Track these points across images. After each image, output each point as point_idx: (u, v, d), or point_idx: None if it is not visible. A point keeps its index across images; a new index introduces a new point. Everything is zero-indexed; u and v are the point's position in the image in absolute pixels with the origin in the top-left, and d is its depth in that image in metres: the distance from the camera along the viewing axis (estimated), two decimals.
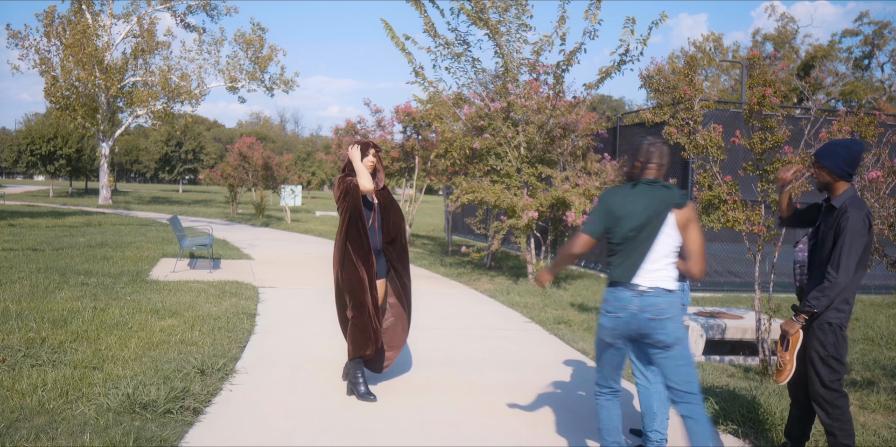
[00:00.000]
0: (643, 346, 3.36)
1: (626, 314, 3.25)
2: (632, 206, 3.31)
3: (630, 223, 3.29)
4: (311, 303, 8.31)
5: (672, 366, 3.27)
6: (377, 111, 16.47)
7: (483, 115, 10.86)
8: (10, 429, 3.78)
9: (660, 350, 3.26)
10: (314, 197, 59.45)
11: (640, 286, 3.25)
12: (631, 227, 3.29)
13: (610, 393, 3.47)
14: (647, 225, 3.27)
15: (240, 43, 33.48)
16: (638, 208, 3.30)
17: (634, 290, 3.25)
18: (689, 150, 5.75)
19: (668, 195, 3.32)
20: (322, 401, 4.61)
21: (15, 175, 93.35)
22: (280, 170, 25.19)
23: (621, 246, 3.32)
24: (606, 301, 3.33)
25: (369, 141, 4.91)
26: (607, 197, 3.41)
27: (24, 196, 39.67)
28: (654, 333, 3.23)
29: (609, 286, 3.36)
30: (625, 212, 3.31)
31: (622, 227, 3.30)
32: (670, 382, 3.30)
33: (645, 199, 3.31)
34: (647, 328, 3.23)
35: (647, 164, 3.36)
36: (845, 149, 3.50)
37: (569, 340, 6.73)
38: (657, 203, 3.30)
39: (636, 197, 3.33)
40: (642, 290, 3.25)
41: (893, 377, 5.66)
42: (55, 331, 5.98)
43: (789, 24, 44.34)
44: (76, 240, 14.23)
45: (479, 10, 10.27)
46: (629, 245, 3.29)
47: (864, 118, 5.28)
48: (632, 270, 3.27)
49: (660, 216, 3.29)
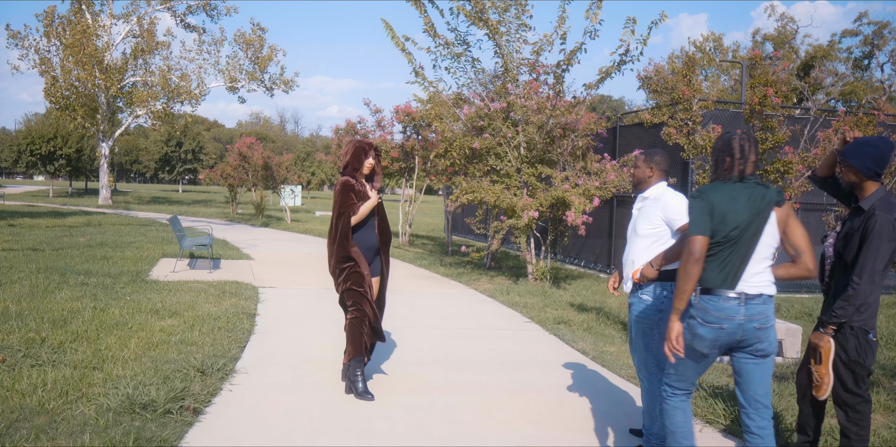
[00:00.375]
0: (736, 354, 3.17)
1: (733, 325, 3.03)
2: (735, 203, 3.08)
3: (734, 221, 3.06)
4: (311, 303, 8.31)
5: (761, 375, 3.15)
6: (377, 111, 16.50)
7: (483, 115, 10.86)
8: (10, 429, 3.78)
9: (757, 358, 3.11)
10: (314, 197, 59.45)
11: (745, 293, 3.04)
12: (735, 226, 3.06)
13: (685, 394, 3.29)
14: (751, 224, 3.07)
15: (240, 43, 33.51)
16: (741, 206, 3.08)
17: (740, 298, 3.04)
18: (689, 151, 5.75)
19: (768, 192, 3.13)
20: (322, 401, 4.61)
21: (15, 175, 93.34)
22: (280, 170, 25.20)
23: (722, 247, 3.07)
24: (706, 311, 3.08)
25: (369, 142, 4.88)
26: (708, 193, 3.13)
27: (23, 196, 39.67)
28: (758, 342, 3.07)
29: (705, 294, 3.10)
30: (728, 208, 3.07)
31: (726, 226, 3.06)
32: (752, 392, 3.15)
33: (746, 196, 3.10)
34: (754, 337, 3.06)
35: (742, 159, 3.14)
36: (873, 147, 3.37)
37: (569, 340, 6.73)
38: (759, 200, 3.10)
39: (737, 194, 3.10)
40: (748, 298, 3.04)
41: (893, 377, 5.67)
42: (55, 331, 5.98)
43: (789, 24, 44.34)
44: (76, 240, 14.23)
45: (478, 10, 10.26)
46: (730, 247, 3.06)
47: (863, 118, 5.29)
48: (735, 276, 3.06)
49: (763, 214, 3.10)
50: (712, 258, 3.08)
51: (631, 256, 3.85)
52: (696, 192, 3.16)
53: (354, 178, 4.86)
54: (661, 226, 3.77)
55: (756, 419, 3.15)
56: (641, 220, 3.83)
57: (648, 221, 3.79)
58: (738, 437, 4.26)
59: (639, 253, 3.80)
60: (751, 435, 3.17)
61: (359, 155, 4.85)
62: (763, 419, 3.14)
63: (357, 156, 4.85)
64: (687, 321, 3.15)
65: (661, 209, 3.76)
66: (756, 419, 3.15)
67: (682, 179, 10.30)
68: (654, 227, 3.78)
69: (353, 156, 4.85)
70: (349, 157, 4.86)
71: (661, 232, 3.77)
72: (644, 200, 3.91)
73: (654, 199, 3.83)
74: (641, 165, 3.93)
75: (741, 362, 3.15)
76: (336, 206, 4.77)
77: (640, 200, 3.96)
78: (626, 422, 4.43)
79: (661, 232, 3.77)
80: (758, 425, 3.15)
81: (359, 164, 4.87)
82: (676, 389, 3.29)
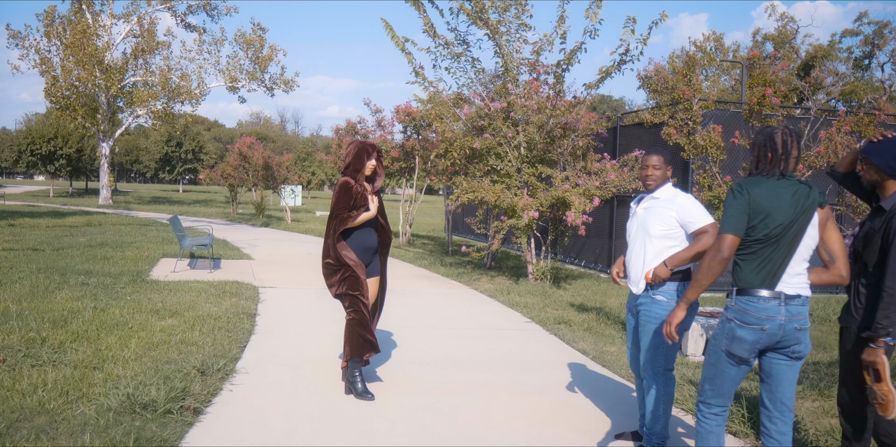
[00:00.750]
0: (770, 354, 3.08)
1: (774, 326, 2.93)
2: (779, 200, 2.96)
3: (778, 219, 2.93)
4: (311, 303, 8.31)
5: (791, 377, 3.08)
6: (377, 111, 16.50)
7: (483, 115, 10.85)
8: (11, 429, 3.78)
9: (791, 360, 3.04)
10: (314, 197, 59.44)
11: (784, 294, 2.95)
12: (779, 223, 2.93)
13: (722, 411, 3.13)
14: (794, 223, 2.96)
15: (240, 43, 33.51)
16: (784, 203, 2.95)
17: (780, 298, 2.94)
18: (689, 151, 5.75)
19: (812, 192, 3.01)
20: (322, 401, 4.61)
21: (15, 175, 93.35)
22: (280, 170, 25.20)
23: (763, 245, 2.95)
24: (745, 312, 2.96)
25: (372, 143, 4.85)
26: (750, 188, 2.98)
27: (24, 196, 39.68)
28: (796, 344, 2.99)
29: (742, 294, 2.99)
30: (772, 205, 2.94)
31: (769, 223, 2.93)
32: (780, 394, 3.09)
33: (790, 193, 2.98)
34: (793, 339, 2.97)
35: (784, 155, 3.01)
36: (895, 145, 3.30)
37: (569, 340, 6.73)
38: (803, 199, 2.98)
39: (781, 191, 2.98)
40: (788, 298, 2.95)
41: (893, 377, 5.66)
42: (55, 331, 5.98)
43: (789, 24, 44.32)
44: (76, 240, 14.23)
45: (478, 9, 10.26)
46: (772, 245, 2.95)
47: (863, 118, 5.28)
48: (775, 276, 2.96)
49: (807, 214, 2.98)
50: (751, 257, 2.98)
51: (644, 257, 3.80)
52: (736, 186, 3.02)
53: (355, 179, 4.83)
54: (675, 227, 3.75)
55: (778, 423, 3.09)
56: (654, 221, 3.79)
57: (662, 222, 3.76)
58: (739, 438, 4.25)
59: (653, 254, 3.77)
60: (769, 439, 3.11)
61: (361, 156, 4.82)
62: (785, 424, 3.09)
63: (359, 157, 4.82)
64: (723, 325, 3.04)
65: (676, 211, 3.74)
66: (778, 423, 3.09)
67: (682, 179, 10.29)
68: (668, 229, 3.76)
69: (355, 157, 4.82)
70: (351, 157, 4.83)
71: (675, 233, 3.76)
72: (654, 200, 3.86)
73: (668, 200, 3.80)
74: (662, 167, 3.86)
75: (773, 363, 3.07)
76: (332, 206, 4.78)
77: (647, 200, 3.91)
78: (626, 422, 4.43)
79: (676, 233, 3.76)
80: (779, 430, 3.09)
81: (361, 165, 4.83)
82: (713, 406, 3.13)
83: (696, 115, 5.77)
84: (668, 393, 3.76)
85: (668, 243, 3.75)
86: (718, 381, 3.08)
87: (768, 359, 3.08)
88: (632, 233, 3.93)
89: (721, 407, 3.11)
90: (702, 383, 3.16)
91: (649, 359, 3.78)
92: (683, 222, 3.73)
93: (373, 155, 4.83)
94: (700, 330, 6.17)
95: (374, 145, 4.85)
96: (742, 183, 3.03)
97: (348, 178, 4.82)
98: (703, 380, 3.14)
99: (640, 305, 3.83)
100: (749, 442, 4.19)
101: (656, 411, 3.76)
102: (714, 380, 3.08)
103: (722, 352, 3.02)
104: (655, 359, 3.76)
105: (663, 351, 3.73)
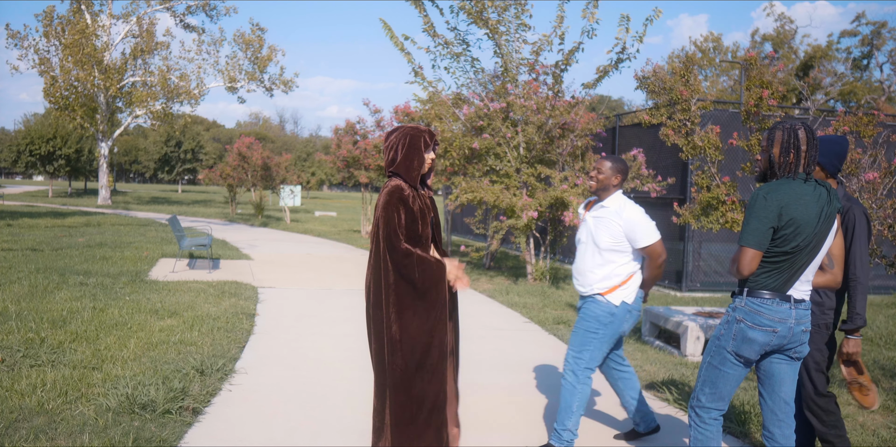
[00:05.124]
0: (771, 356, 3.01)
1: (784, 328, 2.87)
2: (807, 209, 2.78)
3: (807, 231, 2.77)
4: (310, 303, 8.32)
5: (792, 377, 3.03)
6: (376, 111, 16.50)
7: (482, 116, 10.86)
8: (10, 429, 3.78)
9: (792, 360, 2.99)
10: (314, 197, 59.44)
11: (793, 297, 2.88)
12: (807, 235, 2.78)
13: (720, 415, 3.05)
14: (821, 233, 2.82)
15: (239, 43, 33.51)
16: (812, 211, 2.78)
17: (790, 302, 2.87)
18: (687, 152, 5.75)
19: (831, 196, 2.85)
20: (322, 401, 4.61)
21: (14, 175, 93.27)
22: (279, 170, 25.21)
23: (788, 256, 2.81)
24: (758, 313, 2.86)
25: (427, 129, 3.42)
26: (777, 196, 2.76)
27: (23, 196, 39.65)
28: (800, 346, 2.95)
29: (755, 297, 2.88)
30: (801, 216, 2.76)
31: (798, 236, 2.77)
32: (783, 394, 3.03)
33: (814, 199, 2.80)
34: (798, 340, 2.93)
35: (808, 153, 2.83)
36: (838, 145, 3.37)
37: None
38: (826, 206, 2.82)
39: (807, 198, 2.79)
40: (796, 302, 2.89)
41: (893, 377, 5.67)
42: (54, 331, 5.98)
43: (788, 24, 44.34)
44: (75, 240, 14.22)
45: (479, 9, 10.27)
46: (797, 255, 2.81)
47: (862, 118, 5.28)
48: (791, 281, 2.86)
49: (829, 221, 2.83)
50: (775, 266, 2.84)
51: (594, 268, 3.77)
52: (763, 192, 2.79)
53: (408, 183, 3.33)
54: (623, 241, 3.73)
55: (783, 427, 3.03)
56: (603, 234, 3.75)
57: (611, 235, 3.73)
58: (737, 438, 4.26)
59: (597, 265, 3.76)
60: (775, 443, 3.05)
61: (418, 148, 3.35)
62: (789, 426, 3.04)
63: (416, 149, 3.35)
64: (730, 326, 2.94)
65: (624, 225, 3.70)
66: (783, 427, 3.03)
67: (681, 180, 10.31)
68: (616, 242, 3.73)
69: (409, 148, 3.33)
70: (404, 149, 3.33)
71: (623, 246, 3.74)
72: (603, 209, 3.81)
73: (616, 212, 3.75)
74: (608, 171, 3.80)
75: (774, 364, 3.00)
76: (385, 230, 3.20)
77: (596, 208, 3.86)
78: (626, 422, 4.44)
79: (624, 246, 3.74)
80: (783, 433, 3.04)
81: (419, 160, 3.35)
82: (711, 410, 3.03)
83: (694, 115, 5.77)
84: (584, 391, 3.80)
85: (617, 257, 3.74)
86: (721, 383, 2.98)
87: (769, 361, 3.03)
88: (582, 240, 3.90)
89: (719, 411, 3.04)
90: (699, 389, 3.05)
91: (574, 356, 3.81)
92: (630, 238, 3.71)
93: (431, 145, 3.41)
94: (699, 330, 6.18)
95: (432, 132, 3.43)
96: (767, 188, 2.82)
97: (400, 181, 3.32)
98: (703, 385, 3.04)
99: (581, 308, 3.88)
100: (748, 442, 4.19)
101: (570, 407, 3.79)
102: (716, 382, 2.99)
103: (728, 354, 2.94)
104: (580, 356, 3.79)
105: (589, 350, 3.77)
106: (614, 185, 3.82)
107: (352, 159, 17.45)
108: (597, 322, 3.75)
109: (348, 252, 14.76)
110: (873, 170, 5.19)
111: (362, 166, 17.34)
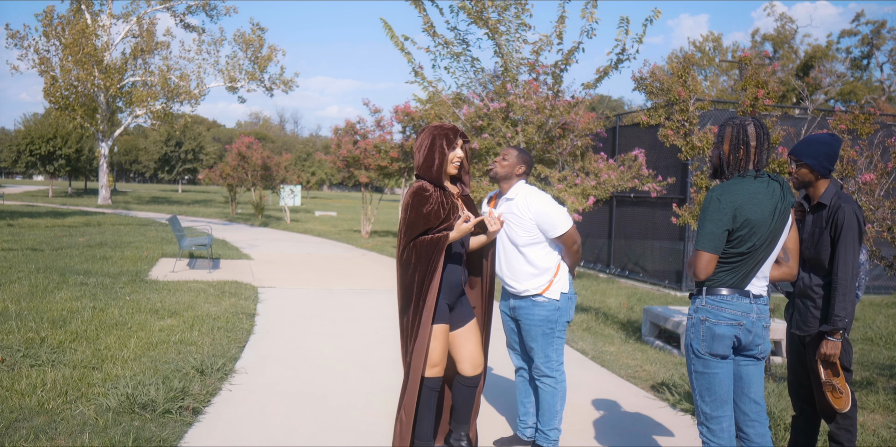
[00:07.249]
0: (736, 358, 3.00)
1: (748, 322, 2.87)
2: (760, 208, 2.78)
3: (762, 230, 2.78)
4: (310, 303, 8.32)
5: (759, 377, 3.02)
6: (376, 111, 16.51)
7: (482, 115, 10.86)
8: (10, 429, 3.79)
9: (757, 360, 2.99)
10: (314, 197, 59.45)
11: (752, 293, 2.89)
12: (763, 233, 2.79)
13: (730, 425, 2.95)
14: (776, 230, 2.82)
15: (239, 43, 33.51)
16: (766, 210, 2.79)
17: (749, 297, 2.88)
18: (686, 152, 5.74)
19: (784, 191, 2.84)
20: (322, 401, 4.61)
21: (14, 175, 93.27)
22: (279, 170, 25.21)
23: (743, 257, 2.83)
24: (720, 309, 2.86)
25: (453, 126, 3.45)
26: (730, 197, 2.77)
27: (23, 196, 39.65)
28: (762, 343, 2.95)
29: (714, 294, 2.88)
30: (755, 217, 2.77)
31: (753, 237, 2.78)
32: (753, 394, 3.01)
33: (767, 197, 2.81)
34: (760, 337, 2.92)
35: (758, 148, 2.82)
36: (826, 145, 3.29)
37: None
38: (780, 201, 2.82)
39: (760, 196, 2.79)
40: (755, 297, 2.90)
41: (892, 377, 5.67)
42: (54, 331, 5.98)
43: (788, 24, 44.34)
44: (75, 240, 14.23)
45: (479, 9, 10.27)
46: (753, 254, 2.83)
47: (859, 116, 5.27)
48: (749, 277, 2.88)
49: (783, 217, 2.82)
50: (731, 264, 2.85)
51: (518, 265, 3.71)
52: (716, 192, 2.81)
53: (434, 183, 3.40)
54: (537, 233, 3.66)
55: (756, 426, 3.03)
56: (517, 231, 3.66)
57: (525, 230, 3.66)
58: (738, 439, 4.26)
59: (523, 263, 3.69)
60: (750, 443, 3.05)
61: (440, 146, 3.37)
62: (762, 425, 3.03)
63: (438, 148, 3.37)
64: (697, 328, 2.92)
65: (534, 217, 3.63)
66: (756, 426, 3.03)
67: (680, 180, 10.31)
68: (531, 236, 3.66)
69: (430, 148, 3.37)
70: (426, 150, 3.39)
71: (539, 237, 3.67)
72: (509, 202, 3.71)
73: (524, 205, 3.64)
74: (513, 160, 3.70)
75: (741, 366, 3.00)
76: (403, 227, 3.36)
77: (503, 203, 3.76)
78: (626, 422, 4.44)
79: (540, 238, 3.67)
80: (757, 432, 3.04)
81: (441, 159, 3.38)
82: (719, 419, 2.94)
83: (693, 116, 5.76)
84: (564, 388, 3.79)
85: (538, 249, 3.68)
86: (716, 386, 2.92)
87: (736, 364, 3.01)
88: (497, 239, 3.79)
89: (728, 417, 2.94)
90: (700, 402, 2.96)
91: (543, 361, 3.77)
92: (543, 230, 3.64)
93: (456, 141, 3.41)
94: None
95: (457, 129, 3.42)
96: (719, 189, 2.82)
97: (424, 182, 3.41)
98: (700, 395, 2.95)
99: (519, 309, 3.81)
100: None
101: (553, 407, 3.77)
102: (711, 388, 2.92)
103: (706, 356, 2.91)
104: (549, 358, 3.77)
105: (554, 349, 3.76)
106: (517, 175, 3.74)
107: (352, 159, 17.46)
108: (548, 322, 3.72)
109: (348, 252, 14.76)
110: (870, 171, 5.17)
111: (362, 166, 17.34)
